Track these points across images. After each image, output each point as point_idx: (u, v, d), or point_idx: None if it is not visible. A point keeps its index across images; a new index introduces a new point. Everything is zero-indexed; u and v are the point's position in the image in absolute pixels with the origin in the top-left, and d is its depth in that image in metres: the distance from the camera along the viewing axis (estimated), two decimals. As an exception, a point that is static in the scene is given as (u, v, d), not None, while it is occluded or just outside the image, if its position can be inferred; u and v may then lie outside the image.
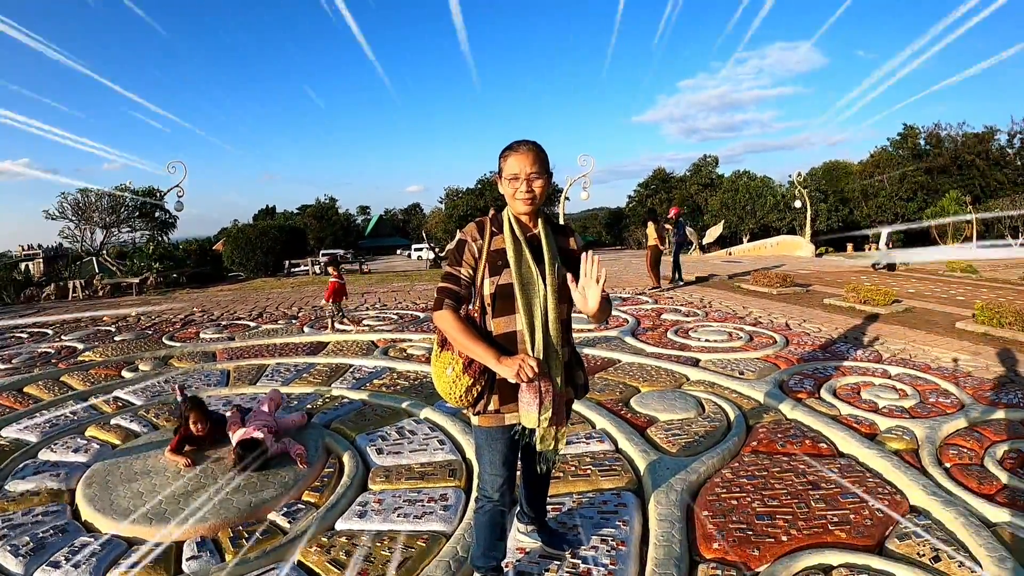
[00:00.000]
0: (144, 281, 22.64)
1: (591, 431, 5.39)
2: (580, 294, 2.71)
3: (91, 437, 5.78)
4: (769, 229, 51.69)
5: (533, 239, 2.91)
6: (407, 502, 4.24)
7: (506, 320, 2.83)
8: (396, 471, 4.76)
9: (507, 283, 2.80)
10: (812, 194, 44.15)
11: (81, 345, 10.54)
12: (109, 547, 3.87)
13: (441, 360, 2.90)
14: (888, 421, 5.43)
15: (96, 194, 30.92)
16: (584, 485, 4.38)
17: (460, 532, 3.82)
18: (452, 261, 2.90)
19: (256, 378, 7.71)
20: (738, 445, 5.03)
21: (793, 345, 8.39)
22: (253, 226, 32.85)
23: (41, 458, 5.34)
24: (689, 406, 5.87)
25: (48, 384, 7.82)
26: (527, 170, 2.80)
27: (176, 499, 4.38)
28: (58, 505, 4.49)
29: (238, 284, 23.92)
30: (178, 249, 29.70)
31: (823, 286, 15.19)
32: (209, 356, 9.23)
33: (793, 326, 9.85)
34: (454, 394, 2.85)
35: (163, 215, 32.10)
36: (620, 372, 7.25)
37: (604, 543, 3.63)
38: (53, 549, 3.86)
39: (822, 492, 4.17)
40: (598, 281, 2.65)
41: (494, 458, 2.97)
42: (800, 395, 6.20)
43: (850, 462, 4.69)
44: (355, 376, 7.65)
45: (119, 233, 32.04)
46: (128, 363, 8.86)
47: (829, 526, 3.75)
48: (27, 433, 5.99)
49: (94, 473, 4.90)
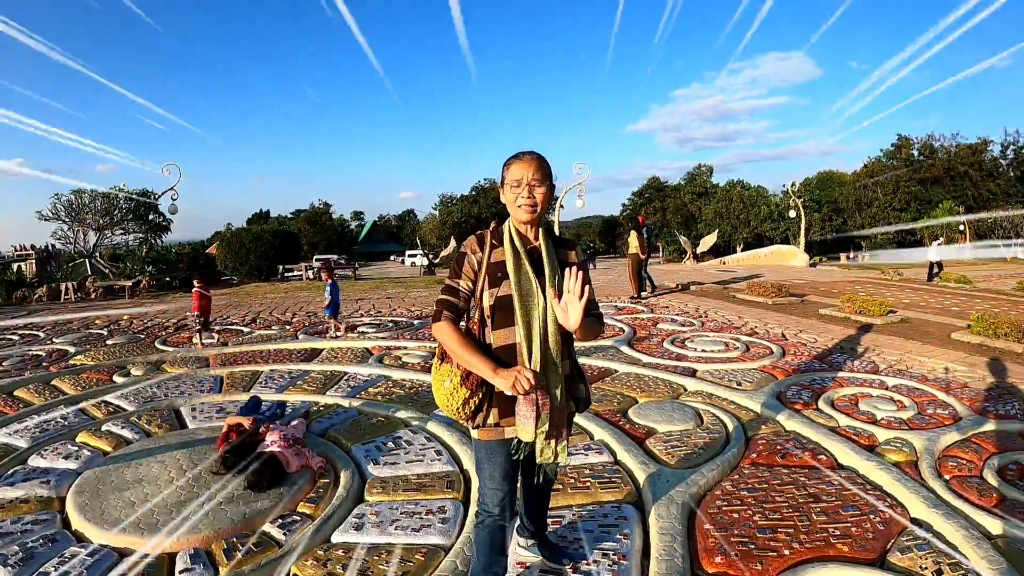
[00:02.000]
0: (137, 284, 22.61)
1: (589, 442, 5.36)
2: (562, 310, 2.68)
3: (82, 443, 5.72)
4: (763, 238, 51.80)
5: (534, 251, 2.89)
6: (405, 514, 4.19)
7: (505, 332, 2.80)
8: (393, 482, 4.71)
9: (506, 295, 2.78)
10: (806, 204, 44.24)
11: (73, 348, 10.51)
12: (100, 557, 3.81)
13: (440, 372, 2.87)
14: (887, 432, 5.41)
15: (90, 195, 30.90)
16: (583, 498, 4.33)
17: (459, 546, 3.77)
18: (452, 273, 2.89)
19: (250, 385, 7.65)
20: (737, 457, 5.00)
21: (790, 356, 8.38)
22: (247, 230, 32.90)
23: (31, 464, 5.28)
24: (687, 417, 5.84)
25: (39, 388, 7.78)
26: (530, 176, 2.79)
27: (168, 509, 4.33)
28: (48, 513, 4.42)
29: (232, 289, 23.86)
30: (171, 252, 29.65)
31: (818, 296, 15.23)
32: (202, 362, 9.16)
33: (789, 336, 9.85)
34: (452, 406, 2.82)
35: (157, 218, 32.08)
36: (617, 382, 7.22)
37: (605, 557, 3.59)
38: (43, 559, 3.79)
39: (823, 505, 4.14)
40: (580, 298, 2.62)
41: (494, 472, 2.93)
42: (798, 406, 6.18)
43: (850, 474, 4.67)
44: (350, 384, 7.60)
45: (112, 235, 32.01)
46: (120, 367, 8.83)
47: (831, 539, 3.72)
48: (17, 438, 5.92)
49: (85, 481, 4.85)
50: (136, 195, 31.07)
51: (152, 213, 31.94)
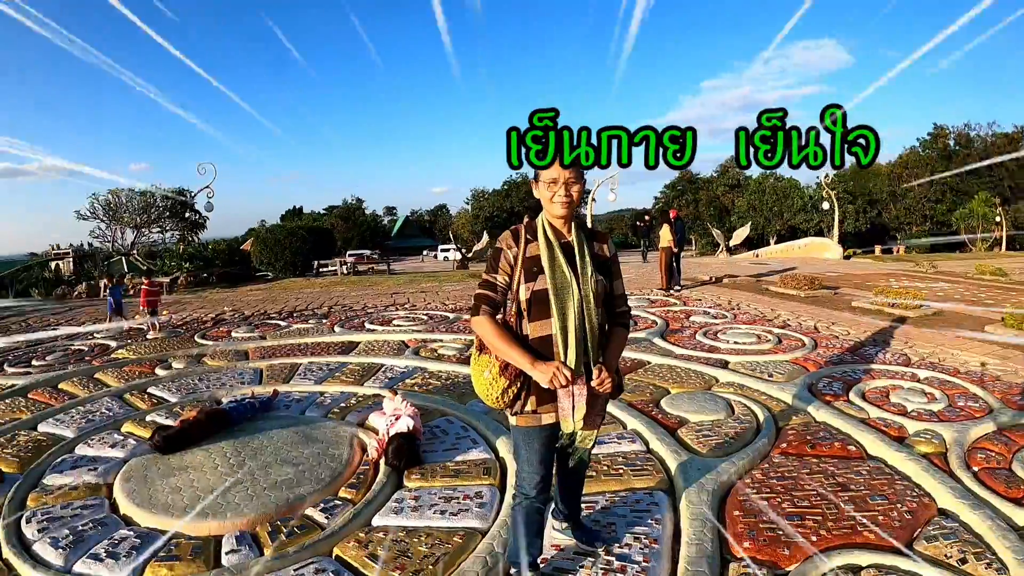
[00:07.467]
0: (175, 280, 22.97)
1: (622, 431, 5.46)
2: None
3: (127, 433, 5.91)
4: (796, 231, 51.19)
5: (567, 246, 2.99)
6: (443, 499, 4.32)
7: (541, 324, 2.92)
8: (431, 469, 4.84)
9: (542, 288, 2.89)
10: (840, 196, 43.67)
11: (114, 343, 10.75)
12: (148, 540, 3.96)
13: (479, 363, 3.01)
14: (917, 424, 5.43)
15: (127, 194, 31.45)
16: (616, 484, 4.44)
17: (496, 529, 3.89)
18: (489, 268, 3.01)
19: (289, 376, 7.83)
20: (768, 446, 5.07)
21: (821, 348, 8.39)
22: (282, 226, 33.25)
23: (78, 453, 5.47)
24: (719, 407, 5.92)
25: (83, 381, 7.99)
26: (566, 174, 2.89)
27: (214, 494, 4.49)
28: (96, 499, 4.60)
29: (267, 284, 24.17)
30: (207, 249, 30.12)
31: (851, 289, 15.12)
32: (241, 355, 9.38)
33: (822, 329, 9.84)
34: (491, 395, 2.95)
35: (193, 215, 32.57)
36: (650, 373, 7.31)
37: (637, 541, 3.70)
38: (93, 541, 3.96)
39: (851, 493, 4.21)
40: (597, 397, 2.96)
41: (531, 456, 3.06)
42: (829, 398, 6.21)
43: (879, 464, 4.72)
44: (387, 376, 7.75)
45: (149, 233, 32.54)
46: (161, 361, 9.04)
47: (858, 527, 3.79)
48: (63, 428, 6.13)
49: (132, 468, 5.02)
50: (172, 194, 31.60)
51: (188, 211, 32.45)
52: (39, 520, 4.25)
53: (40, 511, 4.39)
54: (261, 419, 6.08)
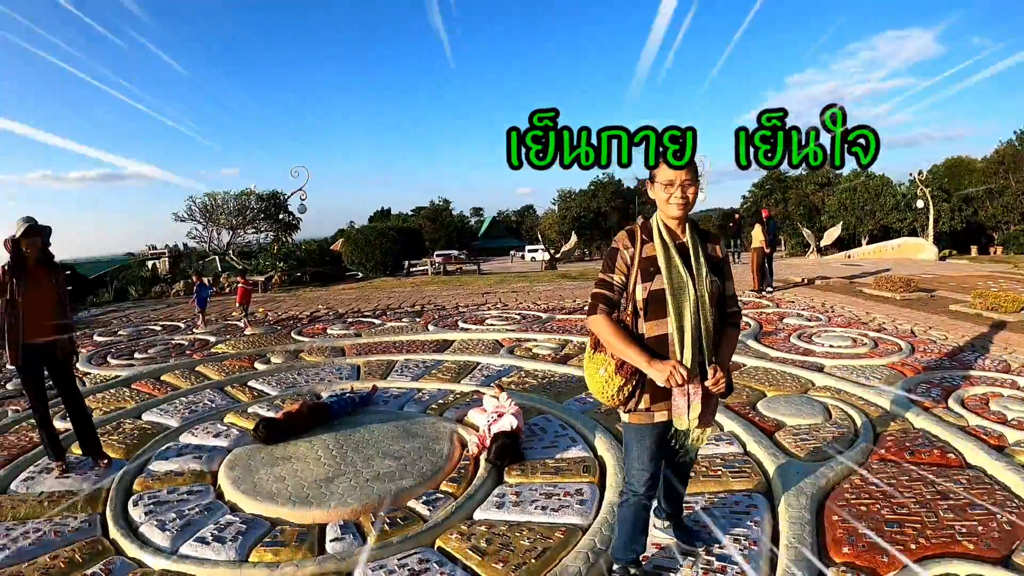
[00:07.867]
0: (269, 279, 23.69)
1: (720, 433, 5.48)
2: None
3: (230, 423, 6.20)
4: (889, 231, 49.55)
5: (682, 246, 3.06)
6: (543, 495, 4.44)
7: (657, 324, 2.99)
8: (531, 466, 4.96)
9: (659, 288, 2.96)
10: (934, 193, 42.05)
11: (213, 338, 11.25)
12: (253, 526, 4.19)
13: (594, 361, 3.10)
14: (1017, 433, 5.28)
15: (223, 197, 32.65)
16: (715, 486, 4.49)
17: (597, 525, 3.99)
18: (605, 268, 3.09)
19: (386, 373, 8.08)
20: (866, 452, 5.02)
21: (919, 353, 8.21)
22: (372, 227, 33.91)
23: (183, 441, 5.77)
24: (816, 411, 5.89)
25: (184, 373, 8.42)
26: (683, 177, 2.97)
27: (318, 484, 4.70)
28: (201, 485, 4.87)
29: (358, 283, 24.71)
30: (300, 249, 31.00)
31: (948, 291, 14.65)
32: (338, 351, 9.69)
33: (918, 333, 9.61)
34: (607, 393, 3.04)
35: (287, 217, 33.55)
36: (745, 376, 7.30)
37: (737, 542, 3.75)
38: (199, 526, 4.20)
39: (950, 502, 4.15)
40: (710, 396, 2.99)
41: (642, 454, 3.14)
42: (927, 404, 6.09)
43: (978, 473, 4.63)
44: (484, 374, 7.93)
45: (244, 234, 33.66)
46: (260, 356, 9.43)
47: (957, 536, 3.74)
48: (167, 418, 6.47)
49: (236, 457, 5.30)
50: (266, 196, 32.66)
51: (282, 212, 33.44)
52: (146, 504, 4.53)
53: (147, 495, 4.68)
54: (361, 413, 6.33)
